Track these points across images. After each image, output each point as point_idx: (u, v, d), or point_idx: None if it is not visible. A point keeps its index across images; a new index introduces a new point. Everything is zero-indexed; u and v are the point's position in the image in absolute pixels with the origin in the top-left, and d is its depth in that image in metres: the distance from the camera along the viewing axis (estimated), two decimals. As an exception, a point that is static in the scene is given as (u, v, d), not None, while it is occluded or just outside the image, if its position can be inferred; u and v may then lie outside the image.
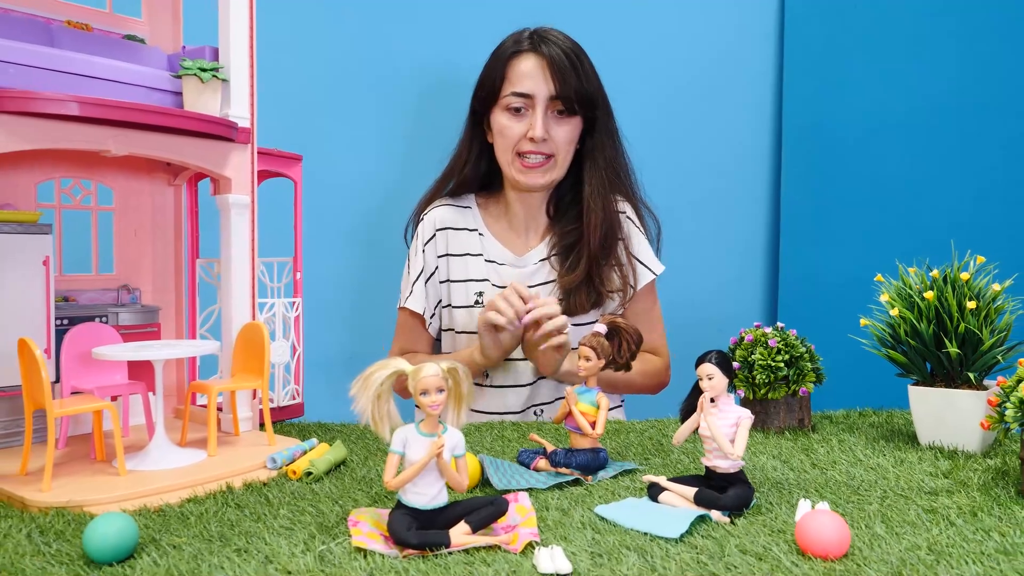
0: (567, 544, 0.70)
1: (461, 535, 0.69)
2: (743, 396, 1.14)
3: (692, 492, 0.78)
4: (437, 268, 1.50)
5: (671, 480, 0.82)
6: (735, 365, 1.11)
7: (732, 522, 0.76)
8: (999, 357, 1.02)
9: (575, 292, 1.43)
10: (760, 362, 1.10)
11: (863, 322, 1.10)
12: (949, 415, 1.02)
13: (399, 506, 0.72)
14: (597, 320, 1.47)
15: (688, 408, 0.83)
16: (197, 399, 1.18)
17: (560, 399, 1.48)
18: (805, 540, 0.67)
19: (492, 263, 1.49)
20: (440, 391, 0.71)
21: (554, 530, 0.74)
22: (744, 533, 0.72)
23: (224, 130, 1.02)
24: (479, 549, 0.69)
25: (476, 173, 1.52)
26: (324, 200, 1.68)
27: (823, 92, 1.85)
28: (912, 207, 1.81)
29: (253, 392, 1.10)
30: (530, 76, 1.40)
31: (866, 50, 1.83)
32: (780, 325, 1.15)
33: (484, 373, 1.46)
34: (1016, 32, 1.77)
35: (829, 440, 1.07)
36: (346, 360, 1.73)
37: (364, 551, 0.68)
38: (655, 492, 0.81)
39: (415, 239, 1.52)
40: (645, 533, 0.72)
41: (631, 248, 1.49)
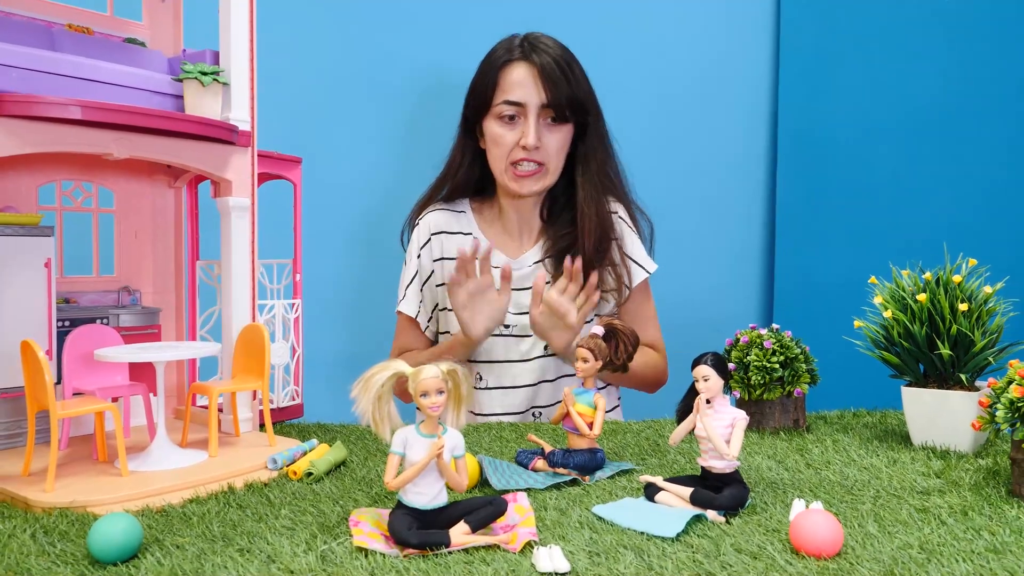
0: (565, 543, 0.71)
1: (461, 535, 0.70)
2: (739, 397, 1.15)
3: (688, 492, 0.79)
4: (432, 272, 1.52)
5: (667, 480, 0.83)
6: (731, 366, 1.12)
7: (728, 521, 0.77)
8: (990, 359, 1.02)
9: None
10: (755, 363, 1.11)
11: (857, 324, 1.11)
12: (941, 416, 1.03)
13: (399, 506, 0.72)
14: (592, 321, 1.49)
15: (684, 409, 0.84)
16: (197, 400, 1.18)
17: (559, 402, 1.49)
18: (799, 539, 0.68)
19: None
20: (440, 393, 0.72)
21: (552, 530, 0.75)
22: (739, 532, 0.73)
23: (225, 133, 1.03)
24: (479, 548, 0.69)
25: (469, 178, 1.53)
26: (323, 202, 1.68)
27: (818, 96, 1.86)
28: (905, 210, 1.82)
29: (253, 393, 1.11)
30: (522, 85, 1.40)
31: (860, 55, 1.84)
32: (775, 327, 1.16)
33: (478, 375, 1.46)
34: (1006, 38, 1.79)
35: (823, 440, 1.08)
36: (345, 361, 1.74)
37: (365, 551, 0.69)
38: (652, 492, 0.82)
39: (411, 243, 1.53)
40: (642, 532, 0.73)
41: (625, 248, 1.50)
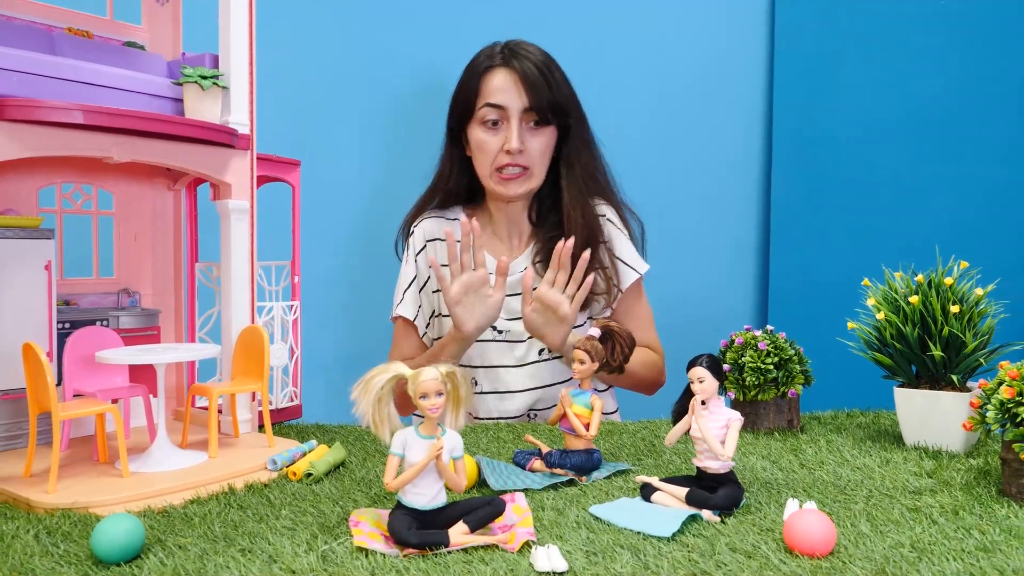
0: (563, 543, 0.71)
1: (460, 535, 0.71)
2: (733, 398, 1.16)
3: (684, 492, 0.80)
4: (429, 278, 1.53)
5: (663, 480, 0.83)
6: (725, 368, 1.14)
7: (722, 521, 0.78)
8: (981, 360, 1.04)
9: None
10: (750, 364, 1.13)
11: (850, 325, 1.12)
12: (933, 416, 1.04)
13: (399, 506, 0.73)
14: (584, 323, 1.50)
15: (680, 410, 0.85)
16: (196, 401, 1.19)
17: (551, 408, 1.51)
18: (793, 538, 0.69)
19: None
20: (439, 394, 0.73)
21: (550, 529, 0.75)
22: (734, 532, 0.74)
23: (224, 137, 1.04)
24: (477, 548, 0.70)
25: (459, 186, 1.54)
26: (321, 204, 1.69)
27: (813, 98, 1.87)
28: (899, 212, 1.84)
29: (252, 394, 1.12)
30: (503, 90, 1.42)
31: (855, 56, 1.85)
32: (770, 328, 1.18)
33: (474, 380, 1.47)
34: (1002, 40, 1.80)
35: (817, 441, 1.09)
36: (343, 363, 1.75)
37: (365, 551, 0.70)
38: (648, 492, 0.83)
39: (407, 250, 1.55)
40: (638, 532, 0.74)
41: (614, 250, 1.51)
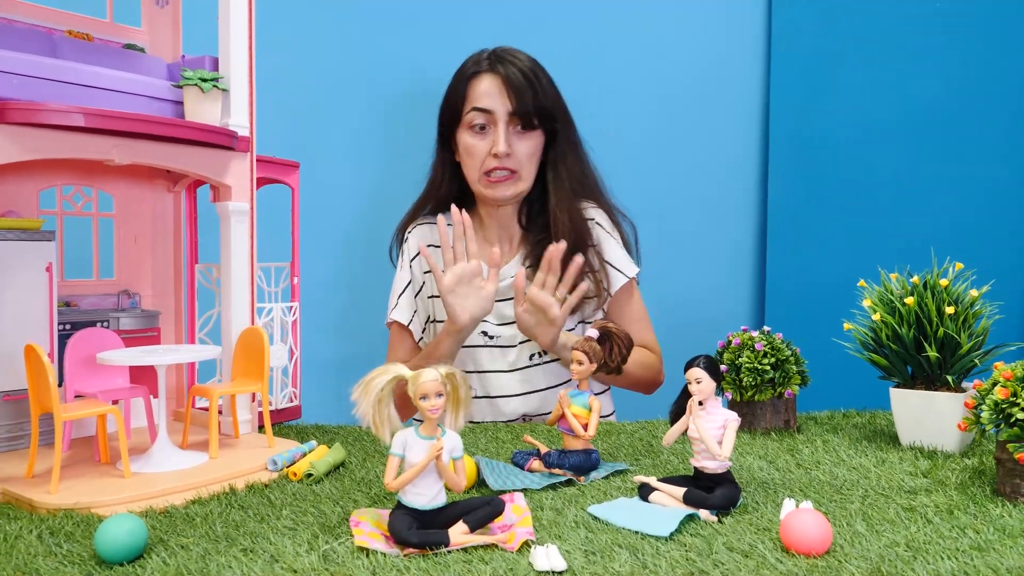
0: (561, 542, 0.72)
1: (460, 534, 0.72)
2: (730, 398, 1.16)
3: (681, 492, 0.81)
4: (424, 283, 1.54)
5: (661, 480, 0.84)
6: (722, 368, 1.14)
7: (720, 521, 0.78)
8: (976, 361, 1.04)
9: None
10: (747, 365, 1.13)
11: (846, 326, 1.13)
12: (929, 417, 1.05)
13: (399, 506, 0.74)
14: (575, 327, 1.51)
15: (677, 410, 0.86)
16: (196, 402, 1.19)
17: (549, 413, 1.52)
18: (789, 538, 0.69)
19: None
20: (439, 395, 0.73)
21: (549, 529, 0.76)
22: (731, 531, 0.75)
23: (225, 139, 1.04)
24: (477, 548, 0.71)
25: (451, 192, 1.55)
26: (321, 206, 1.70)
27: (809, 100, 1.88)
28: (894, 214, 1.85)
29: (252, 395, 1.12)
30: (489, 94, 1.44)
31: (851, 59, 1.86)
32: (766, 329, 1.18)
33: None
34: (998, 42, 1.81)
35: (813, 441, 1.10)
36: (342, 363, 1.75)
37: (366, 550, 0.70)
38: (646, 492, 0.84)
39: (401, 255, 1.56)
40: (636, 532, 0.75)
41: (603, 253, 1.52)
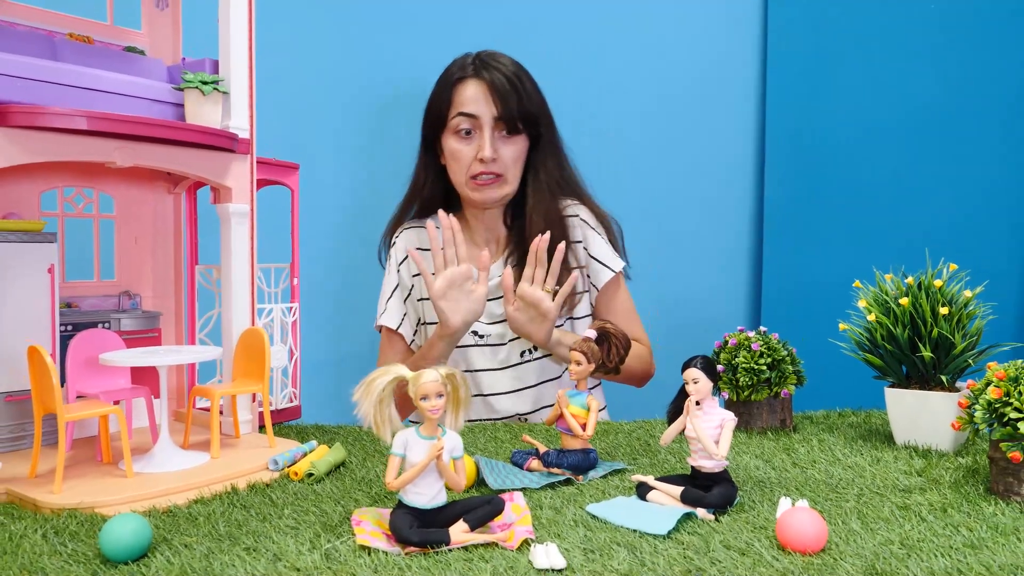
0: (561, 541, 0.73)
1: (460, 533, 0.73)
2: (727, 398, 1.17)
3: (679, 491, 0.82)
4: (413, 287, 1.55)
5: (659, 479, 0.85)
6: (719, 368, 1.15)
7: (717, 519, 0.79)
8: (970, 360, 1.06)
9: None
10: (743, 365, 1.14)
11: (842, 327, 1.14)
12: (923, 416, 1.06)
13: (400, 506, 0.75)
14: (563, 323, 1.52)
15: (675, 410, 0.87)
16: (196, 402, 1.20)
17: (543, 408, 1.54)
18: (785, 536, 0.70)
19: None
20: (440, 396, 0.74)
21: (548, 528, 0.77)
22: (728, 529, 0.76)
23: (225, 142, 1.05)
24: (477, 546, 0.72)
25: (435, 194, 1.56)
26: (320, 206, 1.70)
27: (805, 103, 1.89)
28: (889, 216, 1.86)
29: (252, 395, 1.13)
30: (474, 100, 1.45)
31: (848, 60, 1.87)
32: (763, 329, 1.19)
33: None
34: (994, 44, 1.83)
35: (809, 440, 1.11)
36: (341, 364, 1.76)
37: (368, 549, 0.71)
38: (643, 491, 0.85)
39: (390, 260, 1.56)
40: (634, 530, 0.76)
41: (588, 249, 1.53)
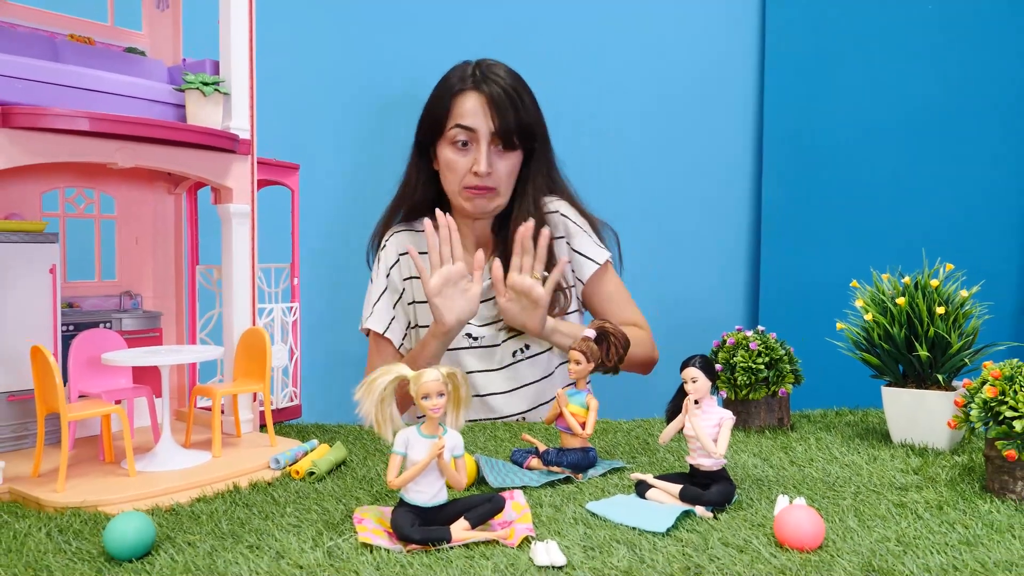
0: (561, 538, 0.74)
1: (461, 531, 0.73)
2: (725, 397, 1.18)
3: (677, 489, 0.82)
4: (404, 290, 1.55)
5: (657, 478, 0.86)
6: (717, 367, 1.16)
7: (715, 517, 0.80)
8: (966, 360, 1.06)
9: None
10: (741, 364, 1.15)
11: (839, 326, 1.15)
12: (920, 415, 1.07)
13: (401, 504, 0.75)
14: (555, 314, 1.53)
15: (673, 409, 0.87)
16: (197, 401, 1.21)
17: (539, 405, 1.55)
18: (783, 533, 0.71)
19: None
20: (441, 395, 0.75)
21: (548, 525, 0.78)
22: (726, 527, 0.77)
23: (226, 143, 1.05)
24: (478, 544, 0.73)
25: (426, 198, 1.56)
26: (320, 206, 1.71)
27: (803, 103, 1.90)
28: (886, 216, 1.87)
29: (253, 395, 1.13)
30: (473, 113, 1.45)
31: (845, 62, 1.88)
32: (760, 329, 1.20)
33: None
34: (991, 45, 1.83)
35: (807, 438, 1.12)
36: (341, 363, 1.77)
37: (370, 546, 0.72)
38: (642, 489, 0.86)
39: (378, 263, 1.56)
40: (634, 528, 0.76)
41: (572, 244, 1.54)
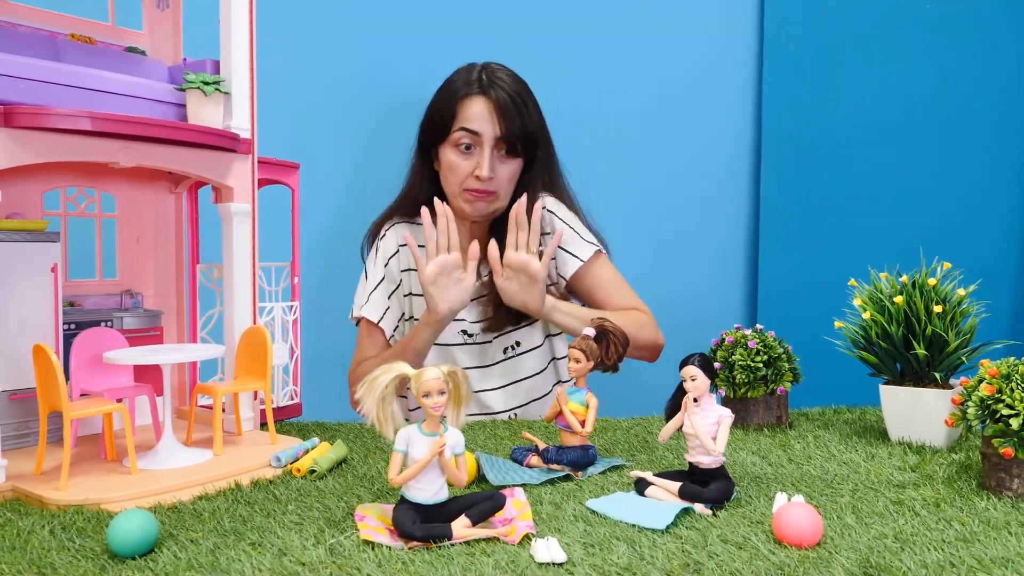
0: (561, 536, 0.74)
1: (462, 528, 0.74)
2: (724, 395, 1.19)
3: (677, 486, 0.83)
4: (401, 282, 1.56)
5: (657, 475, 0.86)
6: (716, 366, 1.17)
7: (714, 514, 0.80)
8: (963, 358, 1.07)
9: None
10: (740, 362, 1.16)
11: (837, 324, 1.16)
12: (917, 413, 1.07)
13: (403, 501, 0.76)
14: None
15: (672, 407, 0.88)
16: (198, 399, 1.21)
17: (533, 400, 1.56)
18: (781, 530, 0.71)
19: None
20: (442, 393, 0.75)
21: (548, 523, 0.78)
22: (725, 524, 0.77)
23: (227, 142, 1.06)
24: (479, 541, 0.73)
25: (428, 199, 1.55)
26: (320, 205, 1.71)
27: (801, 103, 1.90)
28: (884, 215, 1.88)
29: (254, 393, 1.14)
30: (479, 117, 1.45)
31: (842, 62, 1.88)
32: (759, 327, 1.20)
33: None
34: (988, 45, 1.84)
35: (805, 436, 1.12)
36: (341, 362, 1.77)
37: (372, 543, 0.72)
38: (642, 487, 0.86)
39: (376, 253, 1.56)
40: (633, 525, 0.77)
41: (560, 241, 1.52)
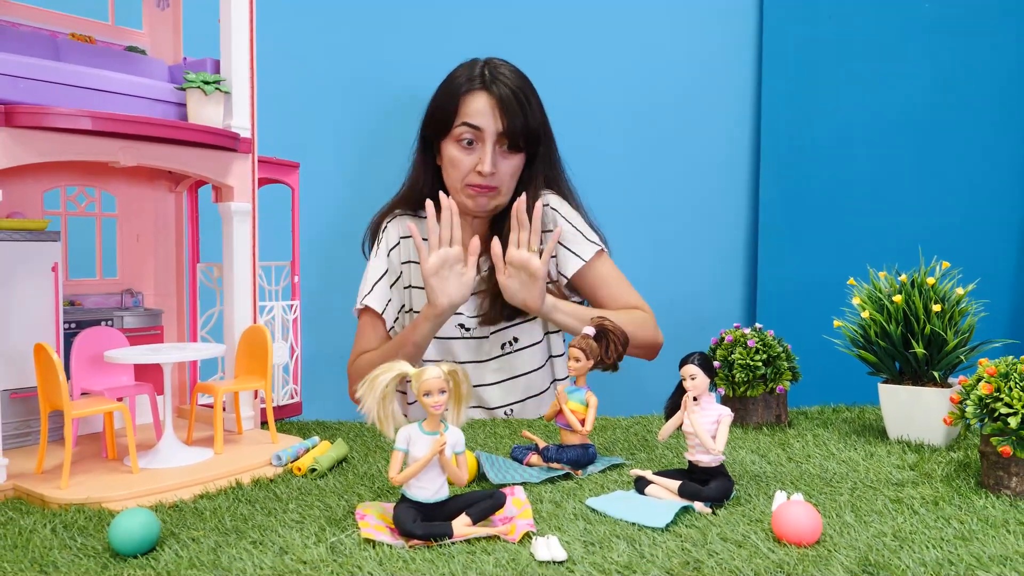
0: (561, 534, 0.74)
1: (463, 526, 0.74)
2: (723, 394, 1.19)
3: (676, 485, 0.83)
4: (401, 273, 1.57)
5: (656, 474, 0.86)
6: (716, 365, 1.17)
7: (714, 512, 0.81)
8: (962, 357, 1.07)
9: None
10: (739, 361, 1.16)
11: (836, 323, 1.16)
12: (916, 411, 1.08)
13: (403, 500, 0.76)
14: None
15: (672, 406, 0.88)
16: (199, 398, 1.21)
17: (530, 397, 1.56)
18: (781, 528, 0.72)
19: None
20: (442, 392, 0.76)
21: (548, 521, 0.78)
22: (725, 522, 0.77)
23: (227, 141, 1.06)
24: (480, 539, 0.73)
25: (431, 192, 1.55)
26: (320, 204, 1.71)
27: (799, 104, 1.90)
28: (883, 214, 1.88)
29: (255, 392, 1.14)
30: (481, 113, 1.46)
31: (840, 63, 1.89)
32: (758, 326, 1.21)
33: None
34: (985, 45, 1.84)
35: (804, 435, 1.12)
36: (341, 360, 1.77)
37: (373, 542, 0.72)
38: (642, 485, 0.86)
39: (378, 244, 1.57)
40: (633, 523, 0.77)
41: (561, 239, 1.54)
